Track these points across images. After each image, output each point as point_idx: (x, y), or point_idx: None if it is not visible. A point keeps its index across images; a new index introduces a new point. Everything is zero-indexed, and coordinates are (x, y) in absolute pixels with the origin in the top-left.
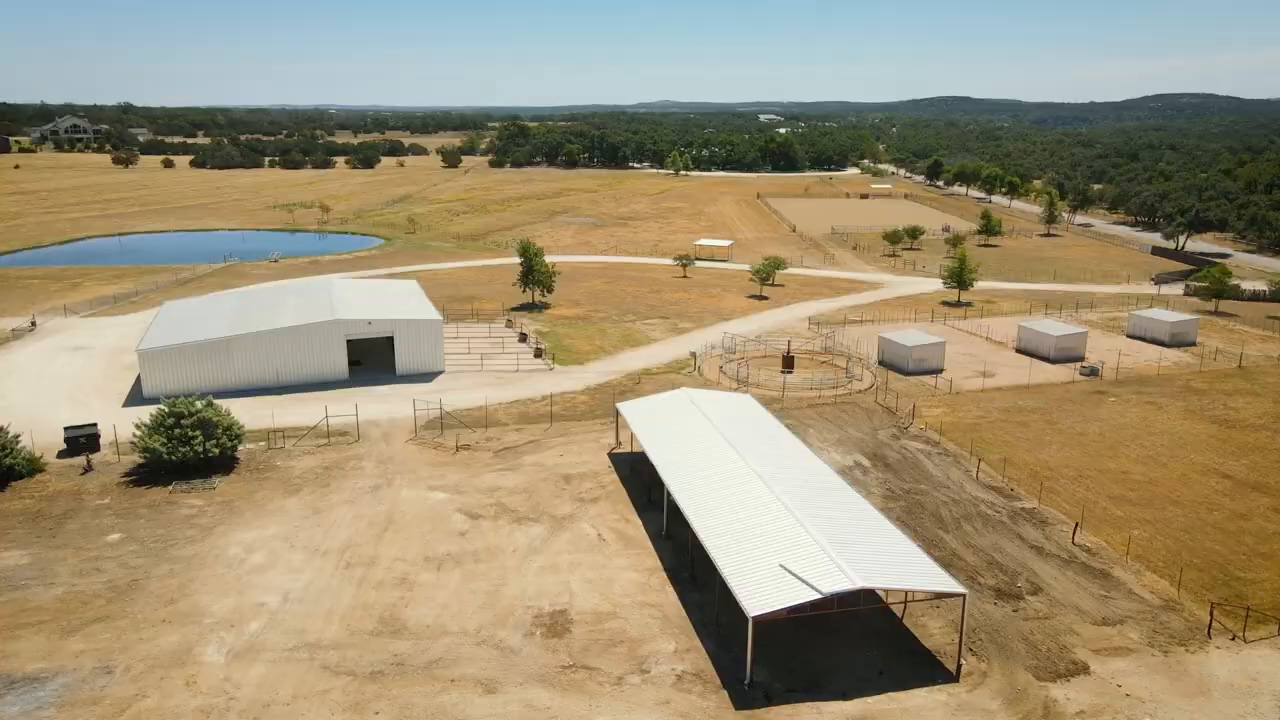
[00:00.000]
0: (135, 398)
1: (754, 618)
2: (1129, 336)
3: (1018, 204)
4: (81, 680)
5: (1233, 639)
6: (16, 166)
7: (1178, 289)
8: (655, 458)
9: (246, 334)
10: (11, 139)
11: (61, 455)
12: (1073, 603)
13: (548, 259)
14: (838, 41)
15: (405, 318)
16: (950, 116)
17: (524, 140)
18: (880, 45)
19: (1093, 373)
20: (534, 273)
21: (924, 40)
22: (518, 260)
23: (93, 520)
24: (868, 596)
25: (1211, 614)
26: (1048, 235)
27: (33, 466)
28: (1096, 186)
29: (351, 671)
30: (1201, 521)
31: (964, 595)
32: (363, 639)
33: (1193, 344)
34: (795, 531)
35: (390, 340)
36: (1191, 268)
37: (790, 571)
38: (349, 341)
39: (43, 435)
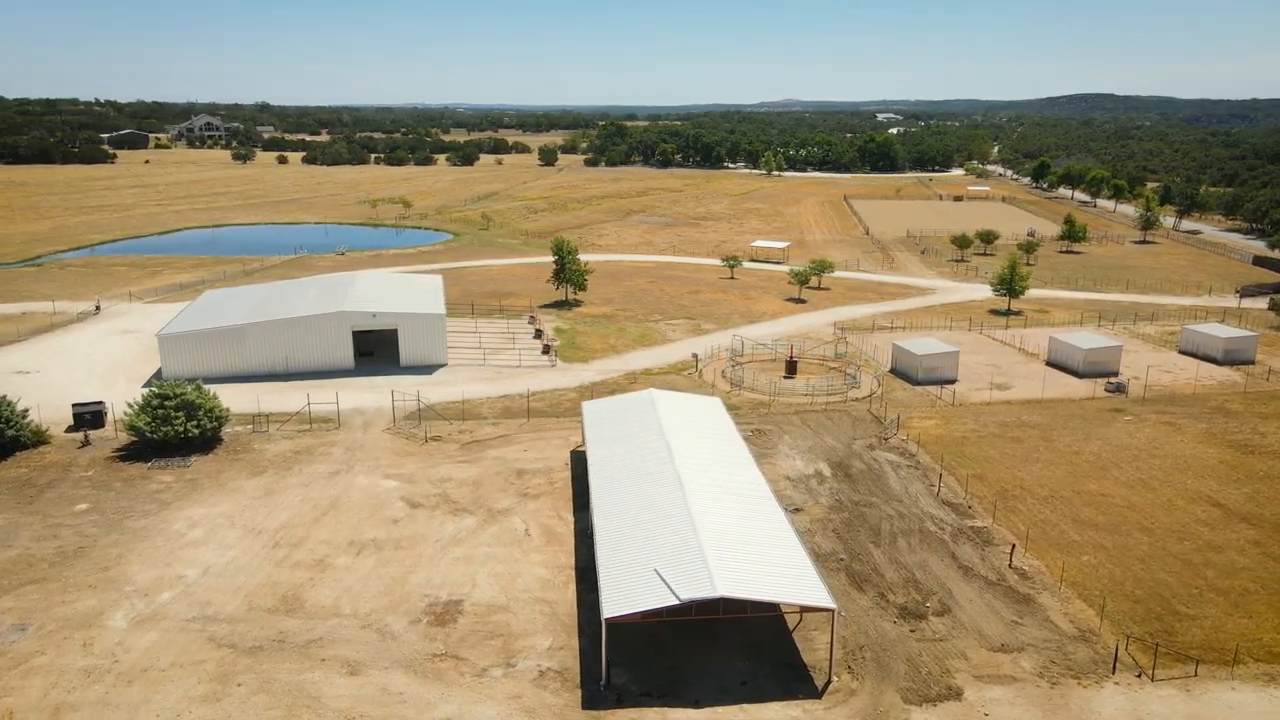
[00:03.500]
0: (155, 379)
1: (607, 619)
2: (1180, 352)
3: (1123, 208)
4: None
5: (1138, 676)
6: (146, 161)
7: (1263, 302)
8: (591, 455)
9: (258, 322)
10: (151, 135)
11: (69, 430)
12: (977, 627)
13: (602, 258)
14: (971, 36)
15: (409, 312)
16: (1088, 115)
17: (620, 139)
18: (1016, 40)
19: (1119, 389)
20: (566, 270)
21: (1064, 34)
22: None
23: (70, 490)
24: (763, 606)
25: (1119, 648)
26: (1142, 242)
27: (38, 439)
28: (1219, 190)
29: (234, 645)
30: (1165, 551)
31: (833, 610)
32: (258, 615)
33: (1250, 362)
34: (686, 536)
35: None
36: None
37: (660, 576)
38: (364, 333)
39: (65, 410)
